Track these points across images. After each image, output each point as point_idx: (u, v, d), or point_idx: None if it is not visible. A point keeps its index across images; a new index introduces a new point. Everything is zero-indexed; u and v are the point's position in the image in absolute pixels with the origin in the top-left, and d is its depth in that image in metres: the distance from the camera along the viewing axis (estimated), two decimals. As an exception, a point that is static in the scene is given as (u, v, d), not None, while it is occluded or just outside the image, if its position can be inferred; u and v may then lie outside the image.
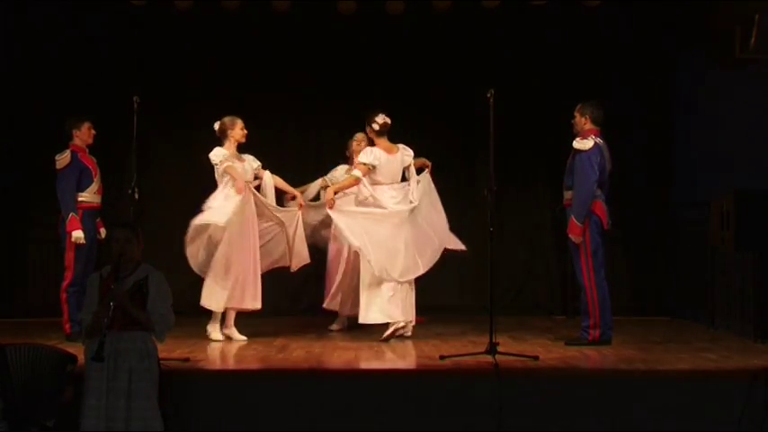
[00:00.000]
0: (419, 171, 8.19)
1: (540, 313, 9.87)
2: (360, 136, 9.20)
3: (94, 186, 7.90)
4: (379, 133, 8.03)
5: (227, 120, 7.95)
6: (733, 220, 7.43)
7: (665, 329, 8.67)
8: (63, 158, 7.78)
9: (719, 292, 8.61)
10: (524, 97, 9.71)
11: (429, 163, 8.24)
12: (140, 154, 7.10)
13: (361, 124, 9.77)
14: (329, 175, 8.85)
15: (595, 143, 7.38)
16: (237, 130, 7.92)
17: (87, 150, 7.94)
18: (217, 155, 7.84)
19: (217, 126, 7.94)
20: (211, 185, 8.00)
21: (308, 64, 9.99)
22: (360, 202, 8.03)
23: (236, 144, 7.97)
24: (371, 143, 8.19)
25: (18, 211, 9.73)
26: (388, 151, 8.03)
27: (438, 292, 9.87)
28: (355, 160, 9.03)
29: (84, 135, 7.90)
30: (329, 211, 7.92)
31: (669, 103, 9.94)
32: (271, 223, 8.06)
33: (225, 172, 7.79)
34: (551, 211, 9.64)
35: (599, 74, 9.82)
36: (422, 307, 9.42)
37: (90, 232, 7.80)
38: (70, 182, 7.77)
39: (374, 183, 7.98)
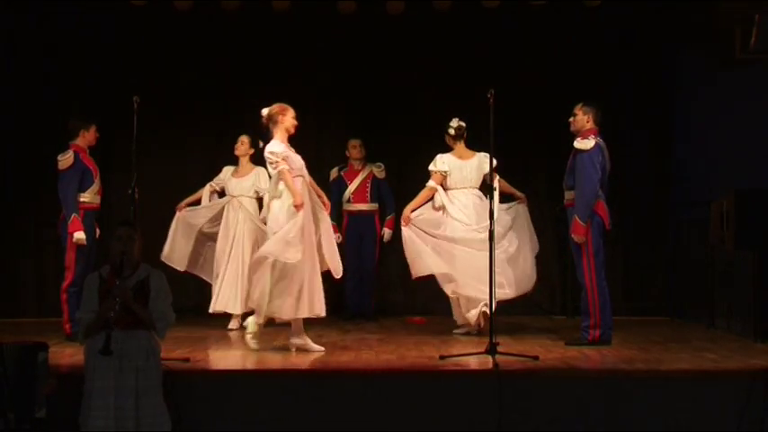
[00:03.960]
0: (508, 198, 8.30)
1: (540, 313, 9.87)
2: (354, 141, 9.25)
3: (95, 187, 7.91)
4: (455, 138, 8.16)
5: (280, 106, 7.25)
6: (733, 219, 7.44)
7: (665, 329, 8.67)
8: (66, 159, 7.77)
9: (719, 292, 8.61)
10: (524, 97, 9.71)
11: (523, 196, 8.25)
12: (140, 154, 7.10)
13: (360, 126, 9.86)
14: (215, 180, 8.83)
15: (596, 143, 7.38)
16: (289, 119, 7.20)
17: (88, 151, 7.95)
18: (276, 149, 7.06)
19: (264, 112, 7.23)
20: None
21: (307, 64, 9.99)
22: (436, 209, 8.11)
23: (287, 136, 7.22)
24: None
25: (18, 211, 9.73)
26: (461, 156, 8.10)
27: (438, 293, 9.87)
28: (351, 163, 9.14)
29: (90, 137, 7.91)
30: (404, 229, 8.00)
31: (669, 103, 9.94)
32: None
33: (280, 177, 7.06)
34: (551, 210, 9.65)
35: (599, 74, 9.82)
36: (422, 307, 9.48)
37: (91, 232, 7.81)
38: (72, 182, 7.76)
39: (446, 188, 8.10)
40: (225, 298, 8.45)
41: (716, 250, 8.53)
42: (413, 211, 8.05)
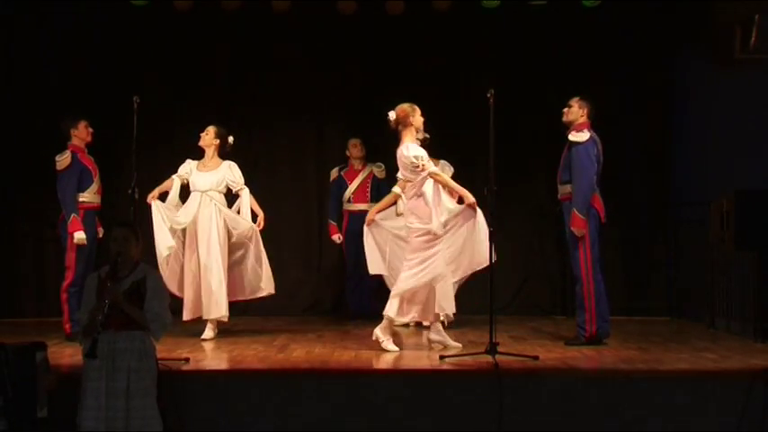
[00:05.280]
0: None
1: (540, 313, 9.88)
2: (354, 141, 9.27)
3: (94, 186, 7.91)
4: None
5: (406, 106, 7.14)
6: (733, 219, 7.44)
7: (665, 329, 8.67)
8: (63, 159, 7.78)
9: (719, 292, 8.61)
10: (524, 97, 9.71)
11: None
12: (140, 154, 7.10)
13: (360, 126, 9.84)
14: (181, 173, 8.08)
15: (591, 135, 7.40)
16: (418, 117, 7.13)
17: (86, 150, 7.94)
18: (419, 152, 7.01)
19: (392, 115, 7.15)
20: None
21: (307, 64, 9.99)
22: (398, 214, 8.17)
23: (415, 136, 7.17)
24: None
25: (18, 211, 9.73)
26: None
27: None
28: (351, 163, 9.17)
29: (82, 134, 7.90)
30: (365, 228, 7.90)
31: (669, 103, 9.94)
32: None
33: (430, 177, 7.02)
34: (552, 210, 9.65)
35: (599, 73, 9.82)
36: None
37: (91, 232, 7.81)
38: (71, 182, 7.77)
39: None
40: (191, 304, 7.84)
41: (716, 250, 8.52)
42: (377, 212, 7.97)
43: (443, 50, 9.97)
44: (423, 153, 7.05)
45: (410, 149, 7.06)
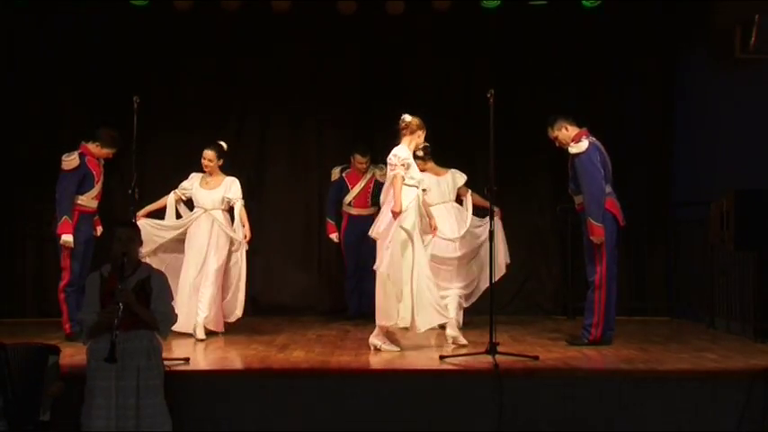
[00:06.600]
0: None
1: (540, 313, 9.87)
2: (360, 158, 9.23)
3: (94, 191, 7.88)
4: (424, 158, 8.32)
5: (418, 122, 7.32)
6: (733, 219, 7.43)
7: (665, 329, 8.67)
8: (71, 160, 7.73)
9: (719, 292, 8.61)
10: (524, 97, 9.71)
11: (498, 210, 8.24)
12: (140, 154, 7.09)
13: (360, 125, 9.82)
14: (181, 188, 8.26)
15: (590, 142, 7.36)
16: (422, 139, 7.35)
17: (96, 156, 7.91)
18: (401, 154, 7.15)
19: (407, 119, 7.31)
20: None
21: (307, 64, 9.99)
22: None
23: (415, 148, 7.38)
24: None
25: (18, 211, 9.71)
26: (437, 174, 8.48)
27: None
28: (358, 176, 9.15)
29: (101, 152, 7.85)
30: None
31: (669, 103, 9.93)
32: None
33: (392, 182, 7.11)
34: (552, 210, 9.65)
35: (599, 73, 9.82)
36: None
37: (85, 233, 7.80)
38: (71, 184, 7.74)
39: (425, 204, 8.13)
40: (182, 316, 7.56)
41: (716, 250, 8.52)
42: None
43: (443, 50, 9.96)
44: (403, 158, 7.11)
45: (397, 149, 7.18)
